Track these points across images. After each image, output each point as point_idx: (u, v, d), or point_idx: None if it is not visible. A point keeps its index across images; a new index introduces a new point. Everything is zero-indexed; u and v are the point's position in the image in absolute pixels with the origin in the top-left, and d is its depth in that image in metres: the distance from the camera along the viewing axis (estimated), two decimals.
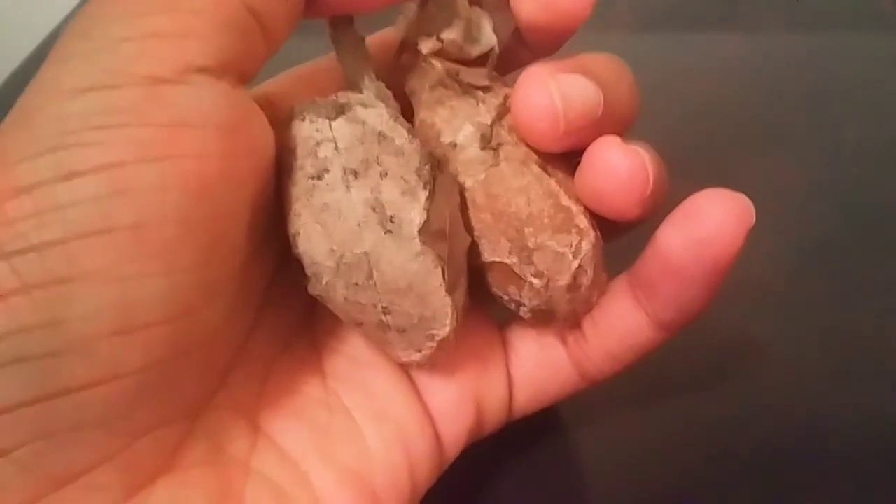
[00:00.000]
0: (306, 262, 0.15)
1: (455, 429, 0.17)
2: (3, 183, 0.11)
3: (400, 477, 0.16)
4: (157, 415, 0.13)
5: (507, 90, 0.18)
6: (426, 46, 0.17)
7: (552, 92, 0.15)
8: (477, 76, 0.17)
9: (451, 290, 0.15)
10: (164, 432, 0.13)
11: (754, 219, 0.15)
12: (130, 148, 0.12)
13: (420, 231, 0.15)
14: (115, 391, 0.12)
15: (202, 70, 0.13)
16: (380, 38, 0.19)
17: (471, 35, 0.18)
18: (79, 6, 0.43)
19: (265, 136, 0.15)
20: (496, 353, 0.18)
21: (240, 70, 0.14)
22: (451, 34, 0.17)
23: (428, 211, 0.15)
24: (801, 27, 0.37)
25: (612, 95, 0.16)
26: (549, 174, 0.16)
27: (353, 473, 0.16)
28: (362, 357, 0.17)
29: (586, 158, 0.16)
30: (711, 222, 0.15)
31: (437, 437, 0.17)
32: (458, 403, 0.17)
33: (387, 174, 0.15)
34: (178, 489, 0.14)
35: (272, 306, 0.17)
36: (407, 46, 0.18)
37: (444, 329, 0.15)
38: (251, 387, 0.16)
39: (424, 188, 0.15)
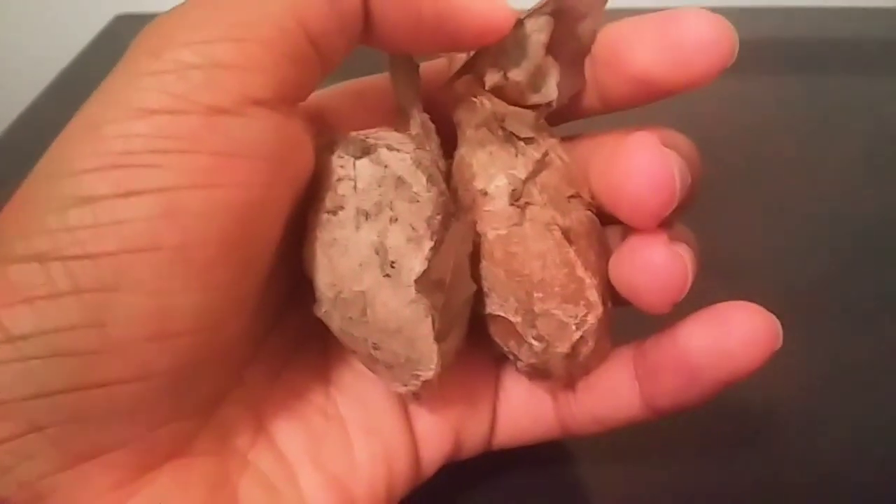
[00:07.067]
0: (314, 286, 0.16)
1: (433, 454, 0.18)
2: (68, 190, 0.12)
3: (379, 490, 0.17)
4: (176, 409, 0.15)
5: (550, 142, 0.17)
6: (490, 80, 0.17)
7: (674, 167, 0.15)
8: (521, 126, 0.17)
9: (441, 338, 0.16)
10: (180, 424, 0.15)
11: (781, 342, 0.15)
12: (184, 174, 0.13)
13: (417, 280, 0.15)
14: (143, 388, 0.13)
15: (259, 102, 0.13)
16: (433, 66, 0.19)
17: (535, 82, 0.17)
18: (88, 47, 0.44)
19: (307, 165, 0.15)
20: (486, 391, 0.19)
21: (295, 97, 0.15)
22: (517, 75, 0.17)
23: (430, 261, 0.15)
24: None
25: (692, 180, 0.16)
26: (571, 242, 0.16)
27: (338, 481, 0.17)
28: (365, 371, 0.18)
29: (627, 250, 0.16)
30: (738, 337, 0.15)
31: (417, 457, 0.18)
32: (440, 432, 0.18)
33: (396, 220, 0.15)
34: (182, 473, 0.15)
35: (291, 310, 0.18)
36: (468, 71, 0.17)
37: (428, 372, 0.16)
38: (262, 383, 0.17)
39: (431, 238, 0.15)
